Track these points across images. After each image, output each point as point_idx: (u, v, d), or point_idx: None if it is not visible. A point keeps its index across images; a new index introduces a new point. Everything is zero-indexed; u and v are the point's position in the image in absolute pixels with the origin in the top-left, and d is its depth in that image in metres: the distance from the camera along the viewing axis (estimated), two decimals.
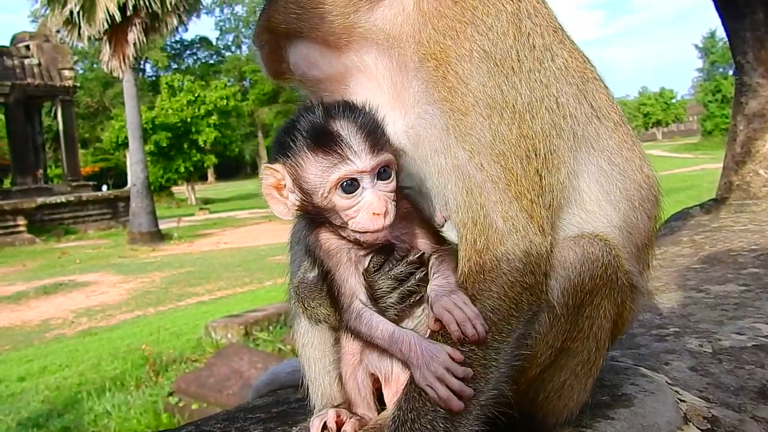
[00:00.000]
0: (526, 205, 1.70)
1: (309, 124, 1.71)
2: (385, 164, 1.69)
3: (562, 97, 1.82)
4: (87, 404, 9.95)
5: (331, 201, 1.69)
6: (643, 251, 2.01)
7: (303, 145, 1.70)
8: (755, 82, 7.03)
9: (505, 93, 1.72)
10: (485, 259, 1.68)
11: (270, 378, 2.81)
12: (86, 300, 18.89)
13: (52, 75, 39.37)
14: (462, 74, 1.73)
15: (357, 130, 1.68)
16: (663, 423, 2.05)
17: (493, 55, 1.74)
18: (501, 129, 1.71)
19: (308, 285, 1.88)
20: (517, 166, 1.70)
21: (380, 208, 1.66)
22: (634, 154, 2.00)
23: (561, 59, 1.88)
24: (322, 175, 1.68)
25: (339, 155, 1.66)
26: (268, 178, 1.77)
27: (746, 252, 4.66)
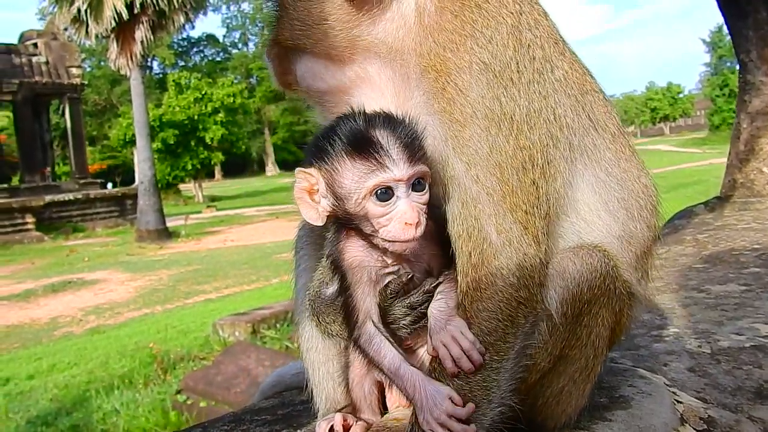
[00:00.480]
0: (520, 217, 1.72)
1: (348, 130, 1.72)
2: (420, 176, 1.71)
3: (559, 109, 1.84)
4: (95, 402, 10.02)
5: (365, 208, 1.70)
6: (642, 260, 2.04)
7: (341, 150, 1.71)
8: (759, 80, 7.03)
9: (504, 104, 1.75)
10: (480, 274, 1.71)
11: (275, 380, 2.86)
12: (94, 298, 19.01)
13: (59, 73, 39.52)
14: (461, 86, 1.75)
15: (396, 139, 1.69)
16: (659, 424, 2.10)
17: (492, 67, 1.77)
18: (498, 140, 1.73)
19: (324, 301, 1.91)
20: (513, 177, 1.72)
21: (413, 218, 1.67)
22: (632, 164, 2.03)
23: (561, 71, 1.90)
24: (358, 181, 1.69)
25: (377, 162, 1.68)
26: (301, 182, 1.78)
27: (748, 251, 4.68)
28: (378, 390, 1.86)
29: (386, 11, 1.85)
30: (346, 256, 1.78)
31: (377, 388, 1.86)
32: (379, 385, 1.86)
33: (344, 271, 1.78)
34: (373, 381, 1.85)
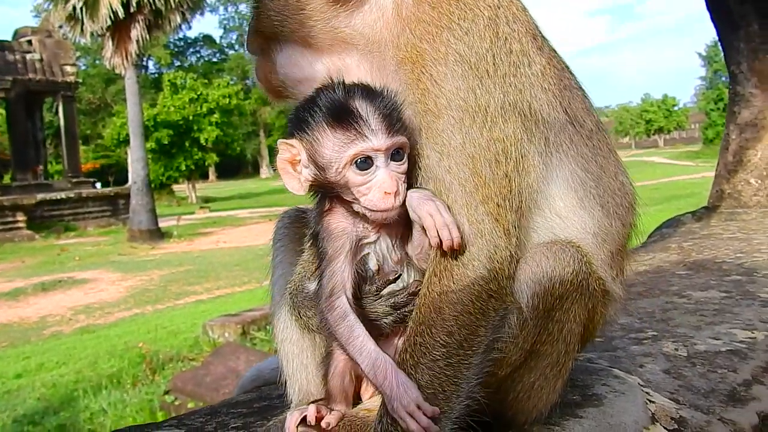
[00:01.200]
0: (492, 209, 1.73)
1: (329, 100, 1.75)
2: (399, 146, 1.74)
3: (536, 103, 1.86)
4: (83, 402, 10.01)
5: (345, 176, 1.73)
6: (617, 257, 2.05)
7: (321, 120, 1.74)
8: (748, 92, 7.11)
9: (478, 96, 1.76)
10: (453, 264, 1.72)
11: (254, 374, 2.87)
12: (85, 297, 18.96)
13: (53, 70, 39.42)
14: (436, 77, 1.77)
15: (375, 110, 1.73)
16: (630, 422, 2.12)
17: (467, 59, 1.78)
18: (472, 132, 1.75)
19: (306, 295, 1.93)
20: (485, 169, 1.74)
21: (392, 187, 1.71)
22: (609, 161, 2.05)
23: (538, 66, 1.91)
24: (338, 150, 1.73)
25: (356, 132, 1.71)
26: (283, 153, 1.81)
27: (731, 260, 4.73)
28: (356, 382, 1.87)
29: (364, 3, 1.88)
30: (327, 224, 1.81)
31: (356, 381, 1.88)
32: (358, 377, 1.87)
33: (325, 243, 1.80)
34: (353, 374, 1.86)
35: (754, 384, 2.67)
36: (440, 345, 1.70)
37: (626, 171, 2.15)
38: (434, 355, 1.69)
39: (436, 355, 1.69)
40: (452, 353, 1.70)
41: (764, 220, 6.43)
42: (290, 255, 2.07)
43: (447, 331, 1.70)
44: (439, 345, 1.70)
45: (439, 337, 1.70)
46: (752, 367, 2.80)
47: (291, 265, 2.03)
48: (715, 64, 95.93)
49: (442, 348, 1.70)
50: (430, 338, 1.70)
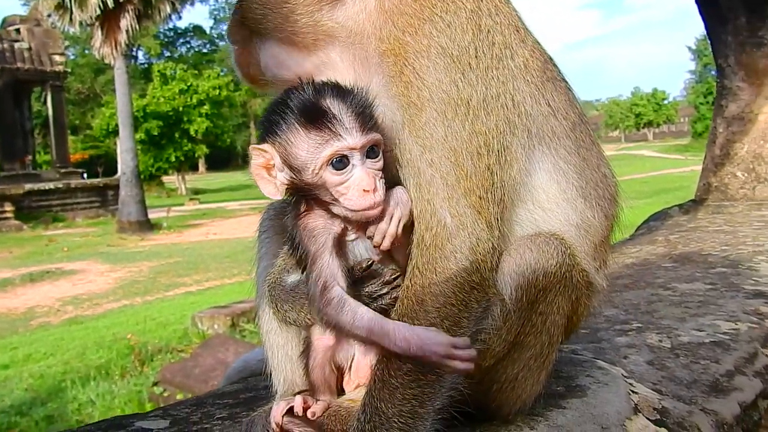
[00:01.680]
0: (474, 202, 1.74)
1: (299, 101, 1.74)
2: (374, 143, 1.74)
3: (518, 95, 1.86)
4: (71, 393, 9.98)
5: (322, 177, 1.72)
6: (600, 249, 2.07)
7: (294, 122, 1.73)
8: (735, 85, 7.15)
9: (461, 89, 1.77)
10: (435, 257, 1.73)
11: (241, 365, 2.88)
12: (73, 288, 18.89)
13: (42, 60, 39.16)
14: (418, 69, 1.77)
15: (348, 108, 1.71)
16: (612, 413, 2.14)
17: (450, 51, 1.78)
18: (454, 125, 1.75)
19: (283, 288, 1.92)
20: (467, 162, 1.74)
21: (369, 184, 1.70)
22: (592, 153, 2.06)
23: (521, 58, 1.92)
24: (313, 152, 1.71)
25: (331, 132, 1.70)
26: (256, 159, 1.79)
27: (717, 252, 4.77)
28: (338, 374, 1.88)
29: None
30: (306, 225, 1.79)
31: (337, 372, 1.89)
32: (339, 369, 1.88)
33: (306, 243, 1.78)
34: (334, 365, 1.87)
35: (737, 375, 2.70)
36: None
37: (609, 163, 2.16)
38: None
39: None
40: None
41: (750, 213, 6.48)
42: (275, 247, 2.07)
43: (430, 323, 1.70)
44: None
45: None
46: (735, 358, 2.83)
47: (275, 257, 2.03)
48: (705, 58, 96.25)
49: None
50: None
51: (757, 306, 3.49)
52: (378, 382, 1.71)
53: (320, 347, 1.86)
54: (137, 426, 2.19)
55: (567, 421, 2.04)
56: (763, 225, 5.77)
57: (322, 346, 1.85)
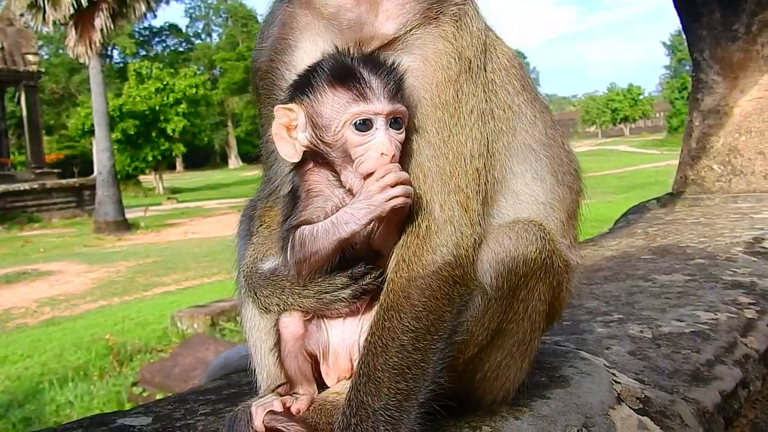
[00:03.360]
0: (461, 199, 1.79)
1: (333, 64, 1.78)
2: (399, 114, 1.76)
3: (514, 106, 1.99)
4: (49, 394, 9.85)
5: (344, 136, 1.74)
6: (569, 224, 2.10)
7: (324, 81, 1.77)
8: (711, 79, 7.22)
9: (467, 94, 1.85)
10: (423, 250, 1.75)
11: (223, 362, 2.86)
12: (50, 289, 18.61)
13: (15, 60, 38.58)
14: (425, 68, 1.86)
15: (378, 76, 1.75)
16: (596, 402, 2.16)
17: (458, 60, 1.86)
18: (456, 129, 1.82)
19: (261, 275, 1.92)
20: (461, 162, 1.80)
21: (389, 149, 1.71)
22: (556, 132, 2.13)
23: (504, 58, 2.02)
24: (339, 109, 1.74)
25: (359, 93, 1.74)
26: (280, 118, 1.81)
27: (695, 244, 4.81)
28: (312, 362, 1.87)
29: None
30: (307, 182, 1.83)
31: (311, 361, 1.88)
32: (312, 357, 1.87)
33: (301, 194, 1.82)
34: (305, 354, 1.86)
35: (717, 364, 2.73)
36: (409, 330, 1.72)
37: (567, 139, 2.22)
38: (402, 340, 1.71)
39: (405, 340, 1.71)
40: (420, 337, 1.72)
41: (726, 205, 6.56)
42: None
43: (415, 317, 1.72)
44: (407, 330, 1.71)
45: (408, 321, 1.72)
46: (715, 348, 2.86)
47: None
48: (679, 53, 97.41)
49: (411, 333, 1.72)
50: (399, 323, 1.72)
51: (736, 296, 3.53)
52: (363, 376, 1.71)
53: (288, 337, 1.85)
54: (119, 423, 2.17)
55: (551, 411, 2.04)
56: (739, 217, 5.84)
57: (291, 335, 1.85)
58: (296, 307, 1.84)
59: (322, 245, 1.74)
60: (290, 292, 1.84)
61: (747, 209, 6.16)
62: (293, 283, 1.84)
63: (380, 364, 1.70)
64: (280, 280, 1.86)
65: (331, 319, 1.87)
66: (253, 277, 1.93)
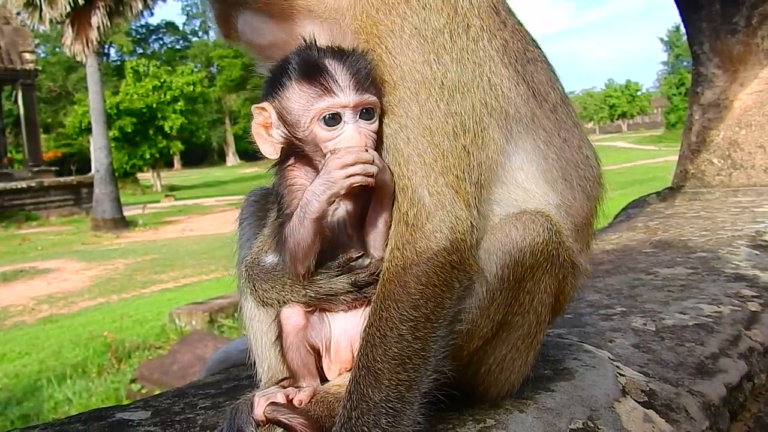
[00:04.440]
0: (452, 181, 1.73)
1: (299, 60, 1.77)
2: (368, 105, 1.74)
3: (495, 78, 1.85)
4: (47, 391, 9.83)
5: (313, 132, 1.74)
6: (582, 230, 2.05)
7: (291, 78, 1.76)
8: (711, 72, 7.19)
9: (434, 70, 1.76)
10: (416, 237, 1.71)
11: (222, 356, 2.83)
12: (48, 287, 18.58)
13: (12, 58, 38.45)
14: (391, 48, 1.77)
15: (345, 67, 1.73)
16: (601, 395, 2.13)
17: (423, 32, 1.78)
18: (428, 104, 1.74)
19: (261, 267, 1.89)
20: (443, 142, 1.73)
21: (358, 142, 1.71)
22: (573, 134, 2.05)
23: (500, 40, 1.91)
24: (305, 106, 1.74)
25: (324, 87, 1.72)
26: (256, 118, 1.83)
27: (696, 237, 4.78)
28: (315, 355, 1.85)
29: None
30: (287, 179, 1.83)
31: (314, 353, 1.85)
32: (314, 350, 1.85)
33: (283, 193, 1.82)
34: (307, 346, 1.84)
35: (721, 357, 2.70)
36: (407, 319, 1.68)
37: (591, 145, 2.16)
38: (401, 329, 1.67)
39: (403, 329, 1.67)
40: (419, 326, 1.68)
41: (727, 199, 6.53)
42: (258, 233, 2.03)
43: (413, 305, 1.68)
44: (406, 319, 1.68)
45: (406, 311, 1.68)
46: (719, 341, 2.83)
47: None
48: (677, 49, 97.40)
49: (410, 322, 1.68)
50: (397, 312, 1.68)
51: (739, 289, 3.50)
52: (362, 368, 1.68)
53: (290, 329, 1.83)
54: (118, 417, 2.13)
55: (556, 403, 2.01)
56: (740, 210, 5.81)
57: (293, 328, 1.83)
58: (292, 301, 1.81)
59: (300, 233, 1.74)
60: (290, 289, 1.82)
61: (747, 203, 6.13)
62: (294, 281, 1.81)
63: (379, 355, 1.66)
64: (281, 276, 1.83)
65: (333, 312, 1.85)
66: (254, 269, 1.90)
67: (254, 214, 2.10)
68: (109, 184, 31.93)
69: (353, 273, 1.80)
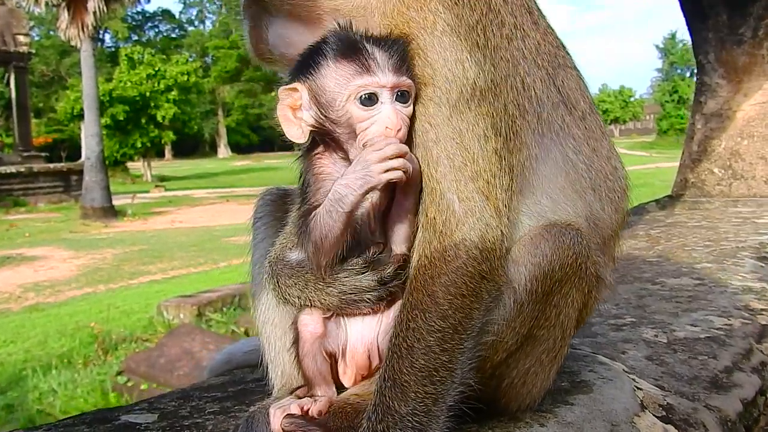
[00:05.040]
0: (482, 186, 1.65)
1: (336, 39, 1.72)
2: (405, 87, 1.69)
3: (528, 78, 1.78)
4: (32, 381, 9.74)
5: (348, 111, 1.68)
6: (609, 243, 2.00)
7: (327, 58, 1.71)
8: (715, 82, 7.18)
9: (467, 68, 1.68)
10: (445, 244, 1.64)
11: (226, 357, 2.75)
12: (34, 275, 18.40)
13: (5, 40, 38.09)
14: (423, 46, 1.70)
15: (383, 49, 1.69)
16: (621, 410, 2.07)
17: (456, 29, 1.70)
18: (460, 105, 1.67)
19: (286, 263, 1.83)
20: (474, 144, 1.66)
21: (395, 123, 1.65)
22: (602, 145, 1.98)
23: (532, 40, 1.84)
24: (343, 83, 1.69)
25: (362, 66, 1.68)
26: (284, 99, 1.76)
27: (700, 247, 4.75)
28: (330, 362, 1.79)
29: None
30: (314, 167, 1.77)
31: (329, 360, 1.79)
32: (330, 356, 1.79)
33: (311, 184, 1.77)
34: (324, 353, 1.78)
35: (735, 371, 2.66)
36: (435, 330, 1.61)
37: (619, 156, 2.09)
38: (428, 341, 1.61)
39: (431, 340, 1.61)
40: (447, 338, 1.62)
41: (727, 209, 6.51)
42: (273, 233, 1.96)
43: (441, 316, 1.62)
44: (434, 330, 1.61)
45: (434, 321, 1.62)
46: (732, 354, 2.79)
47: (273, 242, 1.91)
48: (672, 56, 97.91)
49: (437, 333, 1.61)
50: (424, 323, 1.62)
51: (747, 301, 3.47)
52: (388, 380, 1.61)
53: (308, 336, 1.77)
54: (123, 420, 2.06)
55: (576, 417, 1.96)
56: (741, 221, 5.79)
57: (310, 335, 1.77)
58: (317, 303, 1.74)
59: (329, 226, 1.68)
60: (313, 287, 1.75)
61: (748, 213, 6.11)
62: (317, 279, 1.74)
63: (406, 367, 1.60)
64: (305, 273, 1.77)
65: (350, 317, 1.78)
66: (278, 264, 1.83)
67: (270, 213, 2.03)
68: (100, 172, 31.69)
69: (379, 269, 1.74)
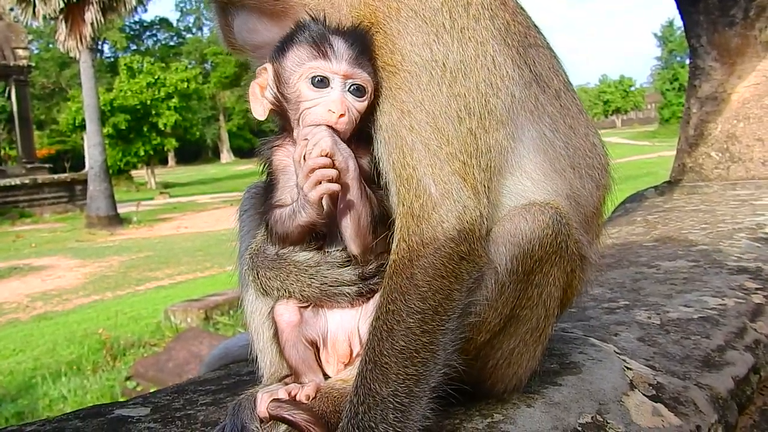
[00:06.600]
0: (458, 168, 1.67)
1: (305, 27, 1.79)
2: (361, 81, 1.74)
3: (499, 57, 1.79)
4: (42, 389, 9.78)
5: (298, 89, 1.75)
6: (592, 220, 2.01)
7: (294, 41, 1.79)
8: (708, 65, 7.15)
9: (435, 51, 1.71)
10: (423, 228, 1.65)
11: (222, 352, 2.78)
12: (42, 284, 18.50)
13: (5, 54, 38.23)
14: (389, 33, 1.73)
15: (345, 40, 1.74)
16: (609, 389, 2.09)
17: (421, 13, 1.73)
18: (431, 88, 1.69)
19: (266, 256, 1.85)
20: (448, 126, 1.68)
21: (339, 108, 1.71)
22: (579, 122, 1.99)
23: (501, 20, 1.85)
24: (298, 63, 1.76)
25: (320, 51, 1.74)
26: (257, 78, 1.86)
27: (697, 230, 4.75)
28: (314, 350, 1.81)
29: None
30: (275, 158, 1.85)
31: (312, 348, 1.82)
32: (313, 345, 1.81)
33: (273, 171, 1.85)
34: (305, 342, 1.80)
35: (728, 349, 2.67)
36: (415, 311, 1.63)
37: (598, 132, 2.10)
38: (408, 322, 1.62)
39: (411, 322, 1.62)
40: (427, 319, 1.63)
41: (725, 192, 6.50)
42: (256, 226, 1.98)
43: (420, 297, 1.63)
44: (413, 311, 1.63)
45: (413, 303, 1.63)
46: (724, 333, 2.80)
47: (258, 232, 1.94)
48: (671, 44, 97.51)
49: (417, 314, 1.63)
50: (404, 305, 1.63)
51: (742, 281, 3.47)
52: (369, 362, 1.63)
53: (284, 326, 1.81)
54: (117, 414, 2.09)
55: (563, 398, 1.98)
56: (739, 204, 5.78)
57: (287, 324, 1.80)
58: (297, 294, 1.77)
59: (289, 230, 1.76)
60: (295, 278, 1.77)
61: (746, 196, 6.10)
62: (298, 271, 1.77)
63: (386, 349, 1.61)
64: (285, 265, 1.79)
65: (329, 307, 1.81)
66: (258, 257, 1.86)
67: (254, 206, 2.06)
68: (104, 181, 31.79)
69: (361, 265, 1.77)
